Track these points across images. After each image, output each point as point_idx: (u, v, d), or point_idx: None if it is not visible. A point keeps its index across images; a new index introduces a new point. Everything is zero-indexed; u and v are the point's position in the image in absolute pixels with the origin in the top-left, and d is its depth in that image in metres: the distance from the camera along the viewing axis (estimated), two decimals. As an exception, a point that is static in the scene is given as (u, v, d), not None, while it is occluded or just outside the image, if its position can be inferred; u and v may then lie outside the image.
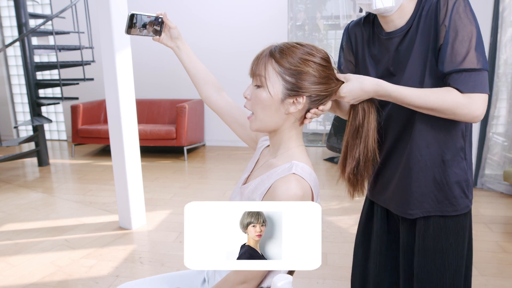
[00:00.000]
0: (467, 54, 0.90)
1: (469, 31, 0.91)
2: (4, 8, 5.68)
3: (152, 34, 1.11)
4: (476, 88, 0.91)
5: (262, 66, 0.90)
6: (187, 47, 1.16)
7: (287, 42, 0.92)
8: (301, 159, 0.92)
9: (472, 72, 0.91)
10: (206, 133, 5.38)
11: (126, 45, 2.56)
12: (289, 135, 0.95)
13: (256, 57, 0.93)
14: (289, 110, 0.91)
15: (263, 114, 0.92)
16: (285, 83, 0.89)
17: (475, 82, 0.90)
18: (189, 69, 1.17)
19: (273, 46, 0.92)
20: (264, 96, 0.90)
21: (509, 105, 3.28)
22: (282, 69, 0.89)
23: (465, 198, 1.05)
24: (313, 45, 0.93)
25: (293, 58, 0.88)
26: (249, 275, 0.88)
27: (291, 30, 4.97)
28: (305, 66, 0.88)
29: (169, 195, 3.43)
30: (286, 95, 0.89)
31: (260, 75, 0.90)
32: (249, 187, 0.96)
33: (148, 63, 5.26)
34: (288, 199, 0.83)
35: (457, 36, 0.91)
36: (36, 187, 3.74)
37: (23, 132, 6.07)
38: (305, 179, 0.86)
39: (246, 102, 0.95)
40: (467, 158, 1.05)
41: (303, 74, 0.89)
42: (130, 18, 1.05)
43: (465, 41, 0.91)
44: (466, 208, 1.06)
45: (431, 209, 1.05)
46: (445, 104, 0.92)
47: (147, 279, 1.17)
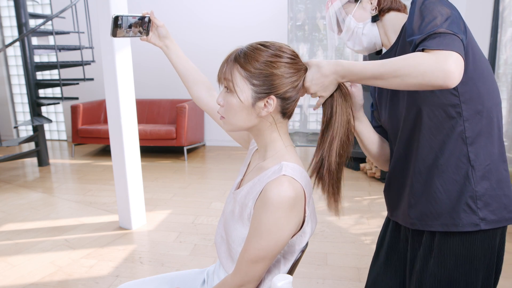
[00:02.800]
0: (433, 21, 0.83)
1: (438, 10, 0.84)
2: (4, 8, 5.68)
3: (139, 35, 1.10)
4: (442, 46, 0.79)
5: (229, 72, 0.89)
6: (176, 46, 1.15)
7: (252, 45, 0.90)
8: (290, 159, 0.90)
9: (441, 34, 0.80)
10: (206, 133, 5.38)
11: (126, 45, 2.56)
12: (272, 137, 0.93)
13: (222, 63, 0.91)
14: (261, 114, 0.89)
15: (236, 119, 0.91)
16: (253, 86, 0.87)
17: (442, 42, 0.79)
18: (179, 68, 1.16)
19: (238, 50, 0.90)
20: (235, 102, 0.88)
21: (509, 105, 3.28)
22: (248, 73, 0.87)
23: (470, 213, 0.93)
24: (279, 45, 0.90)
25: (258, 62, 0.86)
26: (246, 278, 0.88)
27: (291, 30, 4.97)
28: (271, 68, 0.86)
29: (169, 195, 3.43)
30: (256, 98, 0.88)
31: (227, 79, 0.89)
32: (241, 192, 0.95)
33: (148, 63, 5.26)
34: (280, 202, 0.82)
35: (424, 12, 0.86)
36: (36, 187, 3.74)
37: (23, 132, 6.07)
38: (296, 180, 0.85)
39: (219, 108, 0.94)
40: (474, 165, 0.93)
41: (270, 76, 0.87)
42: (114, 21, 1.03)
43: (433, 13, 0.84)
44: (472, 226, 0.93)
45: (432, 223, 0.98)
46: (408, 64, 0.80)
47: (147, 279, 1.17)
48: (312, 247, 2.38)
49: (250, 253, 0.85)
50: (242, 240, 0.91)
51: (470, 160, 0.94)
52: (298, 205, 0.85)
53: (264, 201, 0.84)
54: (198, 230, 2.70)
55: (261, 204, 0.85)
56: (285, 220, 0.83)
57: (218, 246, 1.02)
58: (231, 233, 0.94)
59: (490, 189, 0.94)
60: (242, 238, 0.91)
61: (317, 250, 2.36)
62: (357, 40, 1.08)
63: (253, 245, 0.85)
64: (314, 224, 0.95)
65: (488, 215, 0.93)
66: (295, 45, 4.99)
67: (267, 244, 0.84)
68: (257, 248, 0.84)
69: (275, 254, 0.86)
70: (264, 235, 0.83)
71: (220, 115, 0.94)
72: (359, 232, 2.64)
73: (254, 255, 0.85)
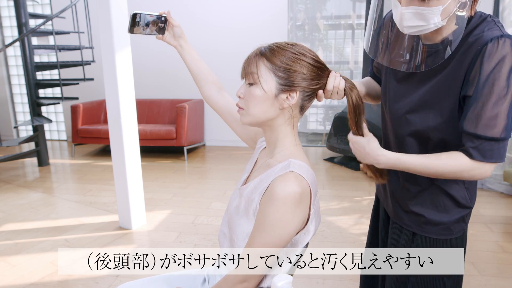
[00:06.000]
0: (495, 120, 0.82)
1: (504, 94, 0.81)
2: (4, 8, 5.68)
3: (156, 33, 1.12)
4: (492, 157, 0.85)
5: (254, 65, 0.91)
6: (190, 46, 1.18)
7: (277, 42, 0.93)
8: (298, 157, 0.92)
9: (493, 142, 0.83)
10: (206, 133, 5.38)
11: (126, 45, 2.56)
12: (285, 133, 0.95)
13: (247, 58, 0.94)
14: (283, 105, 0.91)
15: (256, 109, 0.92)
16: (278, 78, 0.90)
17: (493, 152, 0.84)
18: (192, 68, 1.18)
19: (262, 46, 0.93)
20: (258, 93, 0.90)
21: (509, 105, 3.28)
22: (273, 66, 0.90)
23: (462, 222, 1.02)
24: (305, 46, 0.94)
25: (284, 57, 0.89)
26: (249, 274, 0.88)
27: (291, 30, 4.97)
28: (296, 64, 0.89)
29: (169, 195, 3.43)
30: (280, 90, 0.90)
31: (252, 72, 0.91)
32: (248, 187, 0.96)
33: (148, 63, 5.26)
34: (286, 197, 0.83)
35: (489, 97, 0.81)
36: (36, 187, 3.74)
37: (23, 132, 6.07)
38: (303, 177, 0.86)
39: (239, 100, 0.96)
40: (468, 188, 1.00)
41: (294, 72, 0.90)
42: (133, 17, 1.05)
43: (497, 105, 0.81)
44: (461, 232, 1.03)
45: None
46: (453, 171, 0.87)
47: (147, 279, 1.18)
48: (312, 247, 2.37)
49: (254, 248, 0.86)
50: (246, 235, 0.92)
51: (464, 183, 0.99)
52: (303, 202, 0.86)
53: (270, 196, 0.85)
54: (198, 230, 2.70)
55: (267, 199, 0.86)
56: (290, 216, 0.84)
57: (221, 243, 1.03)
58: (235, 229, 0.95)
59: (475, 200, 1.03)
60: (246, 233, 0.92)
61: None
62: (425, 17, 0.84)
63: (257, 240, 0.86)
64: (318, 223, 0.95)
65: (468, 218, 1.04)
66: (295, 45, 4.99)
67: (270, 239, 0.84)
68: (261, 242, 0.85)
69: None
70: (269, 230, 0.84)
71: (239, 107, 0.95)
72: (359, 232, 2.64)
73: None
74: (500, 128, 0.83)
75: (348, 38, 4.94)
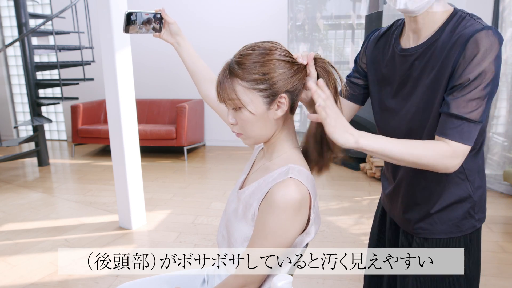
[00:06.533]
0: (478, 105, 0.86)
1: (488, 78, 0.85)
2: (4, 8, 5.68)
3: (152, 31, 1.11)
4: (468, 140, 0.87)
5: (230, 90, 0.85)
6: (187, 43, 1.16)
7: (241, 51, 0.88)
8: (297, 161, 0.90)
9: (472, 124, 0.87)
10: (206, 133, 5.38)
11: (126, 45, 2.56)
12: (282, 137, 0.93)
13: (218, 82, 0.88)
14: (277, 115, 0.87)
15: (255, 131, 0.89)
16: (260, 92, 0.85)
17: (470, 134, 0.87)
18: (189, 65, 1.17)
19: (227, 63, 0.88)
20: (248, 116, 0.86)
21: (509, 105, 3.28)
22: (250, 83, 0.84)
23: (470, 218, 1.03)
24: (271, 43, 0.89)
25: (254, 66, 0.84)
26: (249, 279, 0.87)
27: (291, 30, 4.97)
28: (269, 65, 0.84)
29: (169, 195, 3.43)
30: (267, 103, 0.86)
31: (232, 99, 0.86)
32: (246, 191, 0.94)
33: (148, 63, 5.26)
34: (286, 204, 0.82)
35: (475, 83, 0.85)
36: (36, 187, 3.74)
37: (23, 132, 6.07)
38: (303, 183, 0.84)
39: (233, 126, 0.91)
40: (470, 180, 1.00)
41: (273, 76, 0.84)
42: (127, 17, 1.05)
43: (480, 90, 0.85)
44: (472, 228, 1.02)
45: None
46: (427, 159, 0.86)
47: (147, 279, 1.17)
48: (312, 247, 2.37)
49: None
50: (244, 239, 0.91)
51: (467, 176, 0.99)
52: (303, 208, 0.85)
53: (270, 203, 0.84)
54: (198, 230, 2.70)
55: (266, 206, 0.85)
56: (291, 223, 0.83)
57: (219, 245, 1.02)
58: (233, 232, 0.94)
59: (483, 194, 1.03)
60: (245, 237, 0.91)
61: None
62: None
63: (257, 247, 0.85)
64: (318, 226, 0.95)
65: (480, 214, 1.03)
66: (295, 45, 4.99)
67: (271, 246, 0.84)
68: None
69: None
70: (269, 237, 0.84)
71: (236, 133, 0.92)
72: (359, 232, 2.64)
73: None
74: (480, 112, 0.86)
75: (348, 38, 4.93)
